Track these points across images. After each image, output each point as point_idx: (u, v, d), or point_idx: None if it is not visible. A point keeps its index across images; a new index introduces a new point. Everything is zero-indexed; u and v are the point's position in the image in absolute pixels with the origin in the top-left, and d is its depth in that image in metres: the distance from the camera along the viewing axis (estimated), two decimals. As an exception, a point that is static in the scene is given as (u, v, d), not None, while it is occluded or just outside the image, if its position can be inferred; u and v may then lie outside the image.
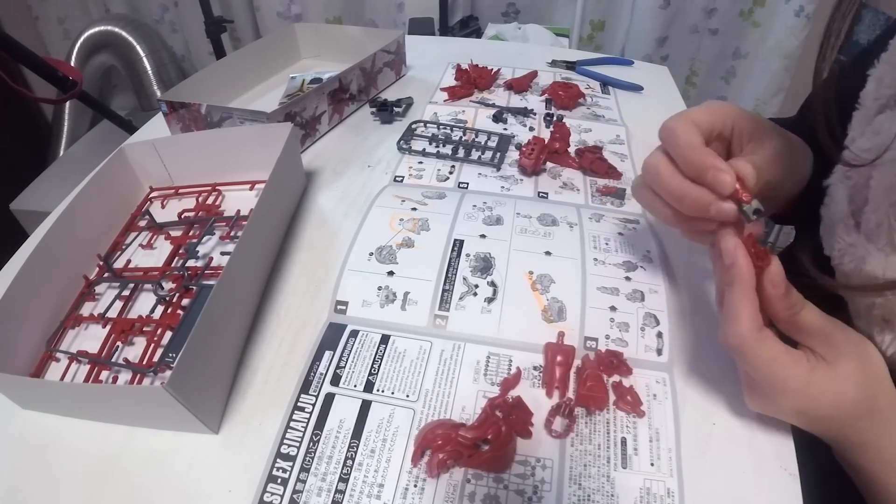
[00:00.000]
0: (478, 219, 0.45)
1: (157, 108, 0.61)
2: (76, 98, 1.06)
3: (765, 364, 0.30)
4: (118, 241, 0.48)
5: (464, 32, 1.48)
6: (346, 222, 0.49)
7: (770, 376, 0.30)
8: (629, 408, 0.34)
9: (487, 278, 0.40)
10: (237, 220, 0.47)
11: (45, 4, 1.80)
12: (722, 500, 0.30)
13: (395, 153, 0.58)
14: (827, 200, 0.35)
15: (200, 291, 0.42)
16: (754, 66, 1.47)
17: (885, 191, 0.30)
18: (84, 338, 0.40)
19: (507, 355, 0.37)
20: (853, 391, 0.29)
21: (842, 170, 0.34)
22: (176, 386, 0.29)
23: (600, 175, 0.53)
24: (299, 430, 0.33)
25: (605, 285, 0.39)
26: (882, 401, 0.29)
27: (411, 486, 0.31)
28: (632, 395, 0.34)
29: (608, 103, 0.68)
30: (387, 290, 0.40)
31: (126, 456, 0.33)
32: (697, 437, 0.33)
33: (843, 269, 0.32)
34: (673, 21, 1.46)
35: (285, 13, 1.64)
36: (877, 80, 0.34)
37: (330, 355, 0.37)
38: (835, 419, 0.30)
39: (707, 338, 0.38)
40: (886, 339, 0.30)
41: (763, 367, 0.30)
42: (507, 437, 0.31)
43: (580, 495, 0.30)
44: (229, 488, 0.31)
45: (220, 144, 0.52)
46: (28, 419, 0.35)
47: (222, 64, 0.70)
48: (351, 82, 0.65)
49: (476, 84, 0.71)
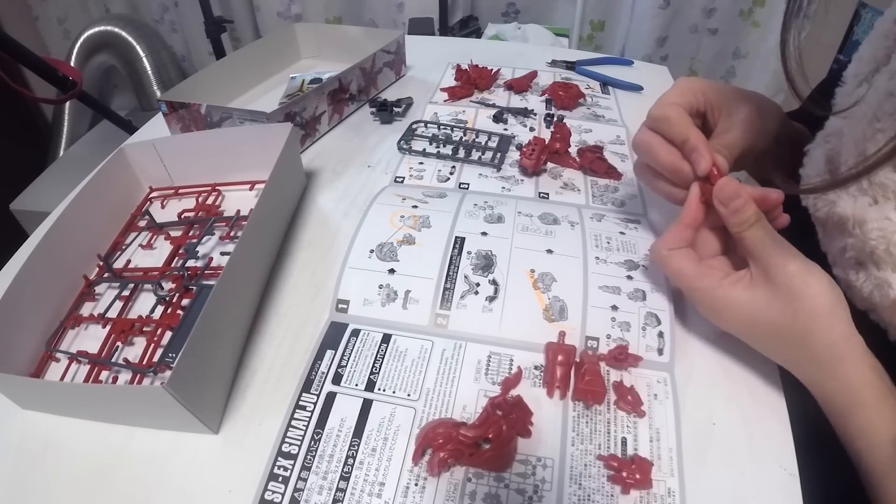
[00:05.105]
0: (479, 217, 0.45)
1: (157, 108, 0.61)
2: (76, 98, 1.05)
3: (672, 274, 0.36)
4: (118, 241, 0.48)
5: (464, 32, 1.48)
6: (346, 222, 0.49)
7: (682, 287, 0.36)
8: (630, 407, 0.34)
9: (489, 276, 0.40)
10: (237, 221, 0.47)
11: (45, 4, 1.80)
12: (722, 500, 0.30)
13: (395, 153, 0.58)
14: (805, 160, 0.39)
15: (200, 291, 0.42)
16: (754, 66, 1.47)
17: (855, 142, 0.33)
18: (84, 338, 0.40)
19: (508, 355, 0.37)
20: (767, 313, 0.32)
21: (821, 135, 0.38)
22: (176, 386, 0.29)
23: (600, 175, 0.53)
24: (300, 428, 0.33)
25: (606, 284, 0.39)
26: (816, 340, 0.30)
27: (412, 485, 0.30)
28: (632, 394, 0.34)
29: (608, 103, 0.68)
30: (388, 289, 0.40)
31: (126, 456, 0.33)
32: (698, 437, 0.33)
33: (818, 215, 0.36)
34: (673, 21, 1.46)
35: (285, 13, 1.64)
36: (858, 58, 0.37)
37: (331, 354, 0.37)
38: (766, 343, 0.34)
39: (708, 338, 0.38)
40: (861, 278, 0.33)
41: (672, 276, 0.37)
42: (507, 437, 0.31)
43: (580, 495, 0.30)
44: (229, 488, 0.31)
45: (220, 144, 0.52)
46: (28, 419, 0.35)
47: (222, 64, 0.70)
48: (351, 82, 0.65)
49: (476, 84, 0.71)
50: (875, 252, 0.31)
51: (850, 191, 0.33)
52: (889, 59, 0.34)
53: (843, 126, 0.35)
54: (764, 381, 0.35)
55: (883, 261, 0.31)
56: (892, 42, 0.35)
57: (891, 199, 0.31)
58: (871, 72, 0.35)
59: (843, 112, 0.35)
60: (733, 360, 0.37)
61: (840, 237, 0.34)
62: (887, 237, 0.30)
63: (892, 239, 0.30)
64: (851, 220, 0.32)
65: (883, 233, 0.30)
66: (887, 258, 0.30)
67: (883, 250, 0.30)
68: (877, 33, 0.37)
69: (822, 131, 0.38)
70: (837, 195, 0.34)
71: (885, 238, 0.30)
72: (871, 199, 0.31)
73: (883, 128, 0.31)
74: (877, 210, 0.31)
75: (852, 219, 0.32)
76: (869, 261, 0.32)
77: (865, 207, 0.31)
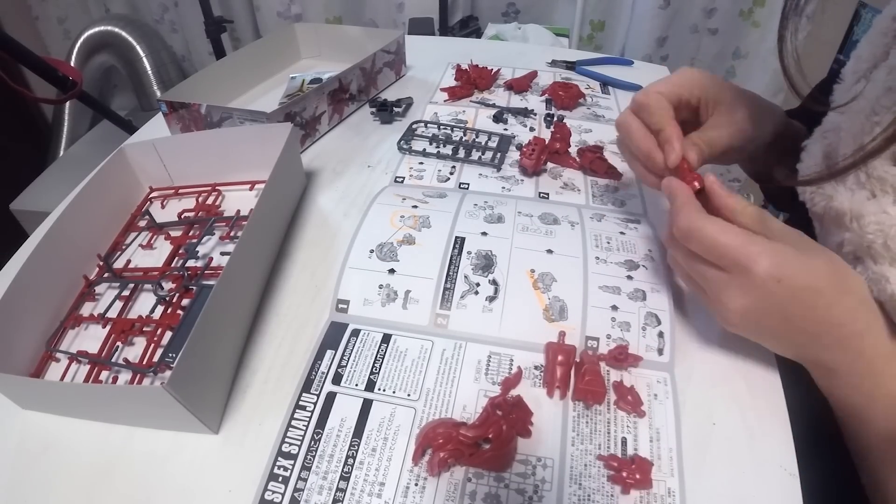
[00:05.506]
0: (479, 217, 0.45)
1: (157, 108, 0.61)
2: (76, 98, 1.06)
3: (719, 231, 0.31)
4: (118, 241, 0.48)
5: (464, 32, 1.48)
6: (346, 222, 0.49)
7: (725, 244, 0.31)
8: (630, 408, 0.34)
9: (489, 276, 0.40)
10: (237, 221, 0.47)
11: (45, 4, 1.80)
12: (722, 499, 0.30)
13: (395, 153, 0.58)
14: (803, 156, 0.39)
15: (200, 291, 0.42)
16: (754, 66, 1.47)
17: (853, 136, 0.33)
18: (84, 338, 0.40)
19: (508, 355, 0.37)
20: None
21: (819, 131, 0.38)
22: (176, 386, 0.29)
23: (600, 175, 0.53)
24: (301, 428, 0.33)
25: (606, 284, 0.39)
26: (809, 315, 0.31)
27: (412, 485, 0.30)
28: (632, 395, 0.34)
29: (608, 103, 0.68)
30: (388, 289, 0.40)
31: (126, 456, 0.33)
32: (698, 437, 0.33)
33: (816, 209, 0.36)
34: (673, 21, 1.46)
35: (285, 13, 1.64)
36: (856, 56, 0.38)
37: (332, 354, 0.37)
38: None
39: (708, 338, 0.38)
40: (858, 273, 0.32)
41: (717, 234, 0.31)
42: (507, 437, 0.31)
43: (580, 495, 0.30)
44: (229, 488, 0.31)
45: (220, 144, 0.52)
46: (28, 419, 0.35)
47: (222, 64, 0.70)
48: (351, 82, 0.64)
49: (476, 84, 0.71)
50: (872, 246, 0.31)
51: (848, 185, 0.33)
52: (887, 56, 0.34)
53: (841, 121, 0.35)
54: (764, 381, 0.35)
55: (880, 255, 0.31)
56: (890, 39, 0.35)
57: (888, 193, 0.31)
58: (870, 68, 0.35)
59: (842, 107, 0.35)
60: (733, 360, 0.37)
61: (837, 232, 0.34)
62: (885, 231, 0.30)
63: (889, 233, 0.30)
64: (849, 215, 0.32)
65: (880, 227, 0.30)
66: (885, 252, 0.30)
67: (880, 244, 0.30)
68: (875, 30, 0.37)
69: (820, 127, 0.38)
70: (835, 189, 0.33)
71: (883, 232, 0.30)
72: (869, 193, 0.31)
73: (880, 121, 0.31)
74: (874, 204, 0.31)
75: (850, 213, 0.32)
76: (866, 255, 0.32)
77: (863, 202, 0.31)
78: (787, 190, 0.42)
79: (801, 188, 0.37)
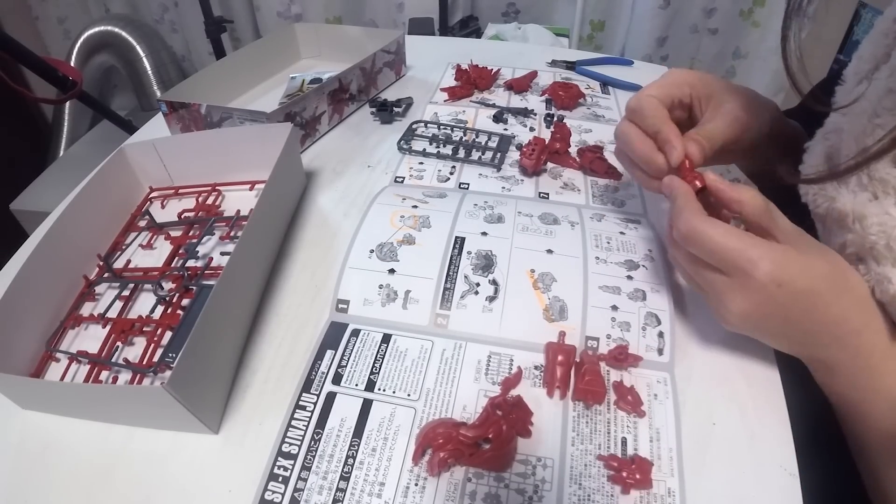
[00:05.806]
0: (479, 217, 0.45)
1: (157, 108, 0.61)
2: (76, 98, 1.06)
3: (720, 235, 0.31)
4: (118, 241, 0.48)
5: (464, 32, 1.48)
6: (346, 222, 0.49)
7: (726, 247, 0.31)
8: (630, 408, 0.34)
9: (489, 276, 0.40)
10: (237, 221, 0.47)
11: (45, 4, 1.80)
12: (722, 500, 0.30)
13: (395, 153, 0.58)
14: (805, 157, 0.39)
15: (200, 291, 0.42)
16: (754, 66, 1.48)
17: (855, 138, 0.33)
18: (84, 338, 0.40)
19: (508, 355, 0.37)
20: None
21: (821, 132, 0.38)
22: (176, 386, 0.29)
23: (600, 175, 0.53)
24: (300, 428, 0.33)
25: (606, 284, 0.39)
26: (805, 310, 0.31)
27: (412, 485, 0.30)
28: (632, 395, 0.34)
29: (608, 103, 0.68)
30: (388, 289, 0.40)
31: (126, 456, 0.33)
32: (698, 437, 0.33)
33: (818, 211, 0.36)
34: (673, 21, 1.47)
35: (285, 13, 1.64)
36: (858, 57, 0.38)
37: (332, 354, 0.37)
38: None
39: (708, 338, 0.38)
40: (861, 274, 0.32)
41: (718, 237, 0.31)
42: (507, 437, 0.31)
43: (580, 495, 0.30)
44: (229, 488, 0.31)
45: (220, 144, 0.52)
46: (28, 419, 0.35)
47: (222, 64, 0.70)
48: (351, 82, 0.64)
49: (476, 84, 0.71)
50: (875, 247, 0.31)
51: (850, 186, 0.33)
52: (889, 57, 0.34)
53: (842, 123, 0.35)
54: (764, 381, 0.35)
55: (883, 256, 0.31)
56: (891, 40, 0.35)
57: (891, 194, 0.31)
58: (871, 69, 0.35)
59: (844, 108, 0.35)
60: (733, 360, 0.37)
61: (840, 233, 0.34)
62: (887, 232, 0.30)
63: (892, 234, 0.30)
64: (851, 216, 0.32)
65: (883, 228, 0.30)
66: (887, 253, 0.30)
67: (883, 245, 0.31)
68: (877, 32, 0.37)
69: (822, 128, 0.38)
70: (837, 191, 0.33)
71: (885, 233, 0.30)
72: (871, 194, 0.32)
73: (882, 123, 0.31)
74: (877, 205, 0.31)
75: (852, 214, 0.32)
76: (869, 256, 0.32)
77: (865, 203, 0.32)
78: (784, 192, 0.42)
79: (803, 190, 0.37)
